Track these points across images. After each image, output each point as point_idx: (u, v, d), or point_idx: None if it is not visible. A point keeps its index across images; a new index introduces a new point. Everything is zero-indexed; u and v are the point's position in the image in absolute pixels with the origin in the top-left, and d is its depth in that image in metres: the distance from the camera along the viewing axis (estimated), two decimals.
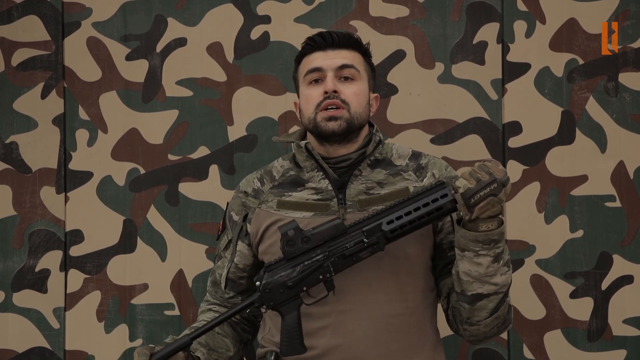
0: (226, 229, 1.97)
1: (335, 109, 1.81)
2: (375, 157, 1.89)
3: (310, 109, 1.84)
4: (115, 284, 2.45)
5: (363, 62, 1.88)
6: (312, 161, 1.87)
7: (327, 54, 1.84)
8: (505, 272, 1.71)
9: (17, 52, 2.48)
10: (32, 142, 2.47)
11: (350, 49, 1.86)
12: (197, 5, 2.48)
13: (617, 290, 2.42)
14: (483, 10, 2.45)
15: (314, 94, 1.83)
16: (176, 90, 2.47)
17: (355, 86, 1.84)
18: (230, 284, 1.95)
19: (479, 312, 1.75)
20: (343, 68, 1.83)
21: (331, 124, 1.81)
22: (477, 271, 1.70)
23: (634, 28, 2.44)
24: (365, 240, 1.68)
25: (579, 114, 2.44)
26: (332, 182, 1.85)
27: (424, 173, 1.88)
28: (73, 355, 2.45)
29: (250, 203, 1.92)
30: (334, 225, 1.70)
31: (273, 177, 1.93)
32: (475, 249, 1.68)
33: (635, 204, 2.43)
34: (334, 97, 1.81)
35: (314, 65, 1.84)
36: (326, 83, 1.82)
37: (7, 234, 2.46)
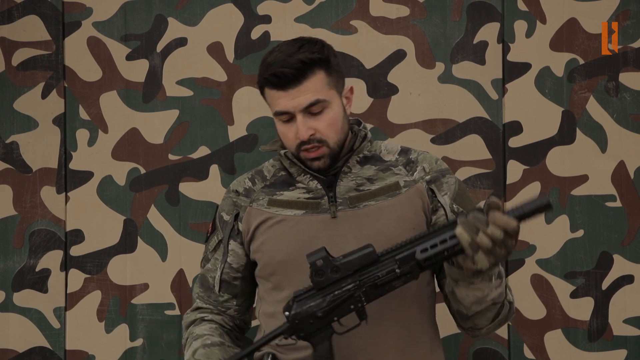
0: (216, 230, 1.95)
1: (315, 150, 1.79)
2: (365, 154, 1.88)
3: (291, 147, 1.83)
4: (115, 283, 2.45)
5: (326, 78, 1.78)
6: (298, 167, 1.87)
7: (288, 93, 1.76)
8: (499, 284, 1.69)
9: (17, 51, 2.48)
10: (33, 142, 2.47)
11: (310, 75, 1.76)
12: (197, 5, 2.48)
13: (618, 290, 2.42)
14: (483, 10, 2.45)
15: (289, 135, 1.81)
16: (176, 90, 2.47)
17: (326, 117, 1.79)
18: (224, 285, 1.92)
19: (479, 322, 1.75)
20: (310, 107, 1.77)
21: (316, 163, 1.81)
22: (475, 295, 1.68)
23: (634, 28, 2.44)
24: (397, 271, 1.61)
25: (579, 113, 2.44)
26: (321, 181, 1.85)
27: (414, 167, 1.87)
28: (73, 355, 2.45)
29: (241, 202, 1.91)
30: (364, 254, 1.63)
31: (264, 177, 1.92)
32: (467, 280, 1.66)
33: (635, 204, 2.43)
34: (310, 141, 1.78)
35: (280, 109, 1.78)
36: (299, 130, 1.77)
37: (8, 233, 2.46)
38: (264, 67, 1.80)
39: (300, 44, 1.79)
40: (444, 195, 1.85)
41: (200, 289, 1.96)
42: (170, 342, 2.44)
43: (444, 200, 1.84)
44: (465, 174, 2.44)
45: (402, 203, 1.83)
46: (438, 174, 1.87)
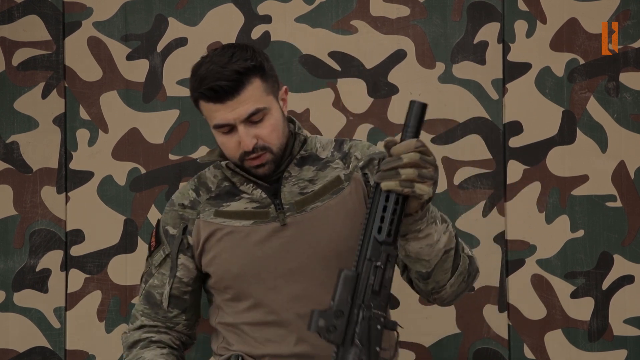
0: (161, 244, 1.90)
1: (258, 158, 1.78)
2: (301, 155, 1.87)
3: (233, 157, 1.81)
4: (116, 283, 2.45)
5: (262, 85, 1.76)
6: (240, 176, 1.85)
7: (227, 105, 1.73)
8: (445, 228, 1.67)
9: (17, 51, 2.48)
10: (33, 142, 2.47)
11: (247, 84, 1.73)
12: (197, 5, 2.48)
13: (618, 290, 2.42)
14: (484, 10, 2.45)
15: (231, 145, 1.78)
16: (177, 90, 2.47)
17: (268, 122, 1.78)
18: (174, 301, 1.88)
19: (440, 277, 1.71)
20: (251, 116, 1.75)
21: (260, 170, 1.80)
22: (427, 243, 1.64)
23: (634, 28, 2.44)
24: (378, 264, 1.58)
25: (579, 113, 2.44)
26: (265, 190, 1.83)
27: (349, 159, 1.87)
28: (74, 355, 2.45)
29: (188, 215, 1.88)
30: (345, 279, 1.58)
31: (209, 188, 1.90)
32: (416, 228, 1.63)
33: (636, 204, 2.43)
34: (255, 150, 1.77)
35: (220, 122, 1.75)
36: (242, 141, 1.75)
37: (8, 233, 2.46)
38: (197, 81, 1.76)
39: (231, 53, 1.75)
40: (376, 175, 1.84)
41: (145, 306, 1.90)
42: None
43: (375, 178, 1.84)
44: (465, 174, 2.44)
45: (346, 199, 1.82)
46: (370, 158, 1.86)
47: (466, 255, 1.74)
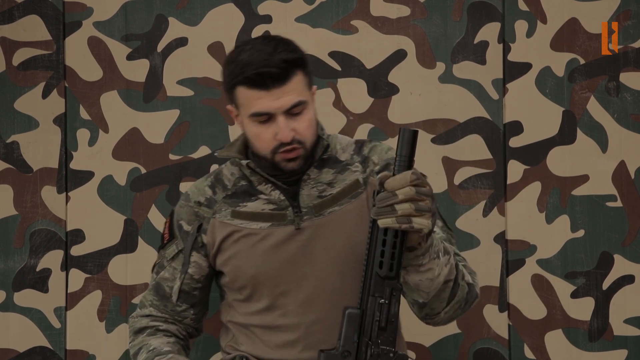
0: (175, 238, 1.89)
1: (293, 151, 1.76)
2: (321, 157, 1.85)
3: (264, 150, 1.77)
4: (116, 283, 2.45)
5: (304, 79, 1.76)
6: (259, 176, 1.84)
7: (271, 93, 1.71)
8: (447, 260, 1.65)
9: (18, 51, 2.48)
10: (33, 142, 2.47)
11: (292, 75, 1.72)
12: (198, 5, 2.48)
13: (618, 290, 2.42)
14: (484, 10, 2.45)
15: (266, 136, 1.75)
16: (177, 89, 2.47)
17: (306, 117, 1.76)
18: (183, 296, 1.88)
19: (435, 305, 1.69)
20: (292, 108, 1.73)
21: (291, 164, 1.78)
22: (427, 277, 1.63)
23: (635, 28, 2.44)
24: (382, 300, 1.56)
25: (580, 113, 2.44)
26: (283, 191, 1.82)
27: (367, 163, 1.86)
28: (74, 354, 2.45)
29: (203, 213, 1.87)
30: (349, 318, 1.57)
31: (225, 186, 1.88)
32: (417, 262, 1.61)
33: (636, 204, 2.43)
34: (291, 142, 1.75)
35: (261, 110, 1.72)
36: (281, 132, 1.73)
37: (8, 233, 2.46)
38: (239, 67, 1.73)
39: (274, 43, 1.74)
40: None
41: (154, 297, 1.90)
42: None
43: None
44: (465, 174, 2.44)
45: (362, 204, 1.81)
46: (387, 162, 1.85)
47: (466, 283, 1.72)
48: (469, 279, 1.74)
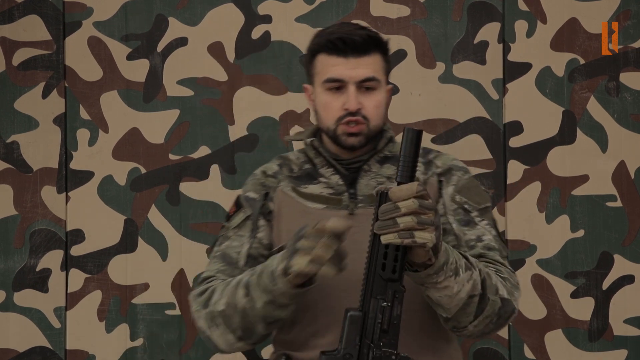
0: (241, 208, 1.88)
1: (356, 125, 1.77)
2: (385, 154, 1.86)
3: (329, 120, 1.80)
4: (116, 283, 2.45)
5: (382, 62, 1.80)
6: (322, 158, 1.86)
7: (349, 61, 1.75)
8: (469, 276, 1.62)
9: (18, 51, 2.48)
10: (33, 142, 2.47)
11: (371, 52, 1.77)
12: (198, 5, 2.48)
13: (618, 290, 2.42)
14: (484, 10, 2.45)
15: (334, 105, 1.78)
16: (177, 89, 2.47)
17: (376, 97, 1.78)
18: (250, 261, 1.83)
19: (462, 319, 1.67)
20: (365, 81, 1.76)
21: (351, 139, 1.78)
22: (446, 294, 1.61)
23: (634, 28, 2.44)
24: (385, 303, 1.54)
25: (580, 113, 2.44)
26: (343, 177, 1.83)
27: (430, 166, 1.86)
28: (74, 354, 2.45)
29: (269, 183, 1.88)
30: (351, 320, 1.56)
31: (291, 168, 1.90)
32: (432, 280, 1.59)
33: (636, 204, 2.43)
34: (357, 114, 1.76)
35: (335, 76, 1.76)
36: (349, 100, 1.76)
37: (8, 233, 2.46)
38: (324, 35, 1.79)
39: (360, 26, 1.81)
40: (450, 186, 1.82)
41: (221, 264, 1.83)
42: (170, 342, 2.44)
43: (446, 190, 1.81)
44: None
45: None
46: (450, 167, 1.85)
47: (499, 298, 1.68)
48: (504, 294, 1.69)
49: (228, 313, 1.69)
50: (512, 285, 1.73)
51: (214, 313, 1.71)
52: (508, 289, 1.71)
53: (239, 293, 1.68)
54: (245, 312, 1.67)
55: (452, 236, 1.78)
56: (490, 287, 1.66)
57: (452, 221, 1.79)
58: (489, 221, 1.81)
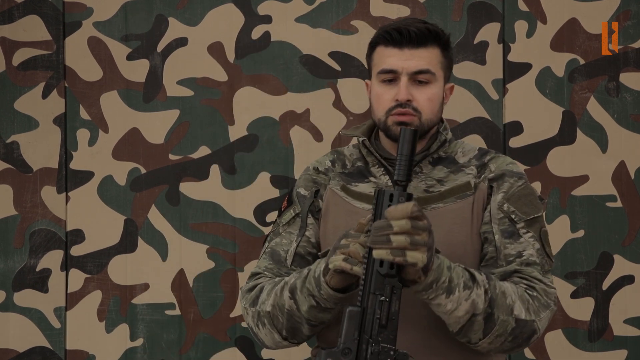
0: (293, 204, 1.88)
1: (408, 115, 1.76)
2: (439, 155, 1.84)
3: (381, 111, 1.79)
4: (116, 283, 2.45)
5: (440, 57, 1.79)
6: (374, 157, 1.84)
7: (403, 52, 1.75)
8: (467, 296, 1.61)
9: (18, 51, 2.48)
10: (33, 142, 2.47)
11: (428, 45, 1.76)
12: (198, 5, 2.48)
13: (618, 290, 2.42)
14: (484, 10, 2.45)
15: (386, 96, 1.77)
16: (177, 90, 2.47)
17: (429, 91, 1.77)
18: (297, 259, 1.83)
19: (470, 336, 1.67)
20: (418, 73, 1.75)
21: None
22: (440, 311, 1.63)
23: (634, 28, 2.44)
24: (382, 298, 1.55)
25: (580, 114, 2.44)
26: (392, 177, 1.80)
27: (484, 169, 1.83)
28: (74, 354, 2.45)
29: (321, 180, 1.88)
30: (350, 316, 1.57)
31: (344, 164, 1.89)
32: (423, 297, 1.61)
33: (636, 204, 2.43)
34: (407, 105, 1.75)
35: (388, 67, 1.76)
36: (400, 90, 1.75)
37: (8, 233, 2.46)
38: (384, 27, 1.79)
39: (422, 20, 1.82)
40: (500, 193, 1.79)
41: (269, 262, 1.84)
42: (170, 342, 2.44)
43: (495, 197, 1.78)
44: None
45: (469, 206, 1.78)
46: (504, 172, 1.82)
47: (512, 319, 1.65)
48: (520, 315, 1.66)
49: (274, 314, 1.72)
50: (540, 305, 1.70)
51: (261, 313, 1.74)
52: (533, 308, 1.68)
53: (284, 295, 1.70)
54: (290, 314, 1.69)
55: (492, 247, 1.75)
56: (501, 307, 1.64)
57: (495, 231, 1.76)
58: (534, 233, 1.76)
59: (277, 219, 1.91)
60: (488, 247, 1.76)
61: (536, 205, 1.80)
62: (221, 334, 2.44)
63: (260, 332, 1.76)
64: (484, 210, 1.79)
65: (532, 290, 1.70)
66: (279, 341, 1.75)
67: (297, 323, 1.70)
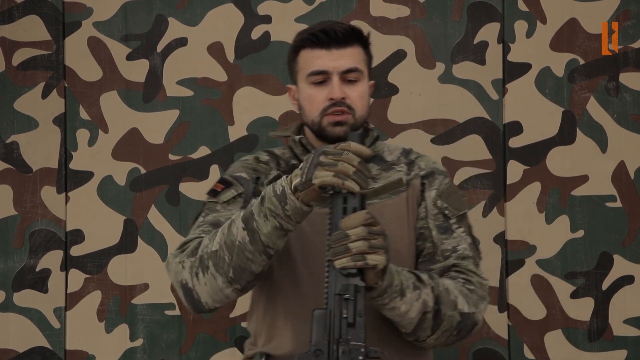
0: (233, 185, 1.85)
1: (341, 115, 1.79)
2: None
3: (314, 112, 1.82)
4: (115, 283, 2.45)
5: (364, 55, 1.84)
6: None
7: (331, 53, 1.79)
8: (418, 296, 1.66)
9: (17, 51, 2.48)
10: (33, 142, 2.47)
11: (353, 44, 1.81)
12: (197, 5, 2.48)
13: (618, 290, 2.42)
14: (484, 10, 2.45)
15: (319, 97, 1.80)
16: (177, 90, 2.47)
17: (359, 88, 1.82)
18: None
19: (419, 334, 1.71)
20: (348, 72, 1.80)
21: (337, 129, 1.80)
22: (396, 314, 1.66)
23: (634, 28, 2.44)
24: (346, 296, 1.57)
25: (579, 114, 2.44)
26: None
27: (412, 167, 1.88)
28: (74, 355, 2.45)
29: (262, 169, 1.89)
30: (318, 318, 1.59)
31: (279, 163, 1.91)
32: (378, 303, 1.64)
33: (635, 204, 2.43)
34: (342, 104, 1.79)
35: (319, 68, 1.80)
36: (333, 89, 1.79)
37: (8, 233, 2.46)
38: (307, 30, 1.84)
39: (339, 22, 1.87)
40: (432, 190, 1.85)
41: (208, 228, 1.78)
42: (170, 342, 2.44)
43: (429, 194, 1.85)
44: (465, 174, 2.44)
45: (402, 202, 1.83)
46: (433, 170, 1.88)
47: (458, 313, 1.72)
48: (464, 309, 1.73)
49: (221, 254, 1.65)
50: (478, 297, 1.77)
51: (204, 257, 1.67)
52: (473, 301, 1.75)
53: (234, 228, 1.64)
54: (242, 247, 1.63)
55: (429, 243, 1.82)
56: (447, 303, 1.70)
57: (432, 227, 1.82)
58: (465, 228, 1.85)
59: (212, 198, 1.85)
60: (425, 243, 1.82)
61: (463, 201, 1.89)
62: (221, 334, 2.44)
63: (199, 282, 1.68)
64: (419, 206, 1.84)
65: (469, 284, 1.77)
66: (222, 287, 1.67)
67: (247, 260, 1.64)
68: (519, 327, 2.42)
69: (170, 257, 1.77)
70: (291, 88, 1.91)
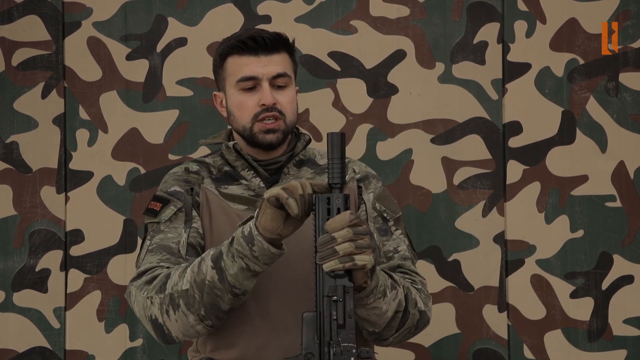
0: (170, 202, 1.84)
1: (273, 121, 1.81)
2: (300, 158, 1.90)
3: (245, 118, 1.83)
4: (115, 283, 2.45)
5: (290, 61, 1.87)
6: (243, 161, 1.87)
7: (260, 59, 1.81)
8: (395, 296, 1.68)
9: (17, 51, 2.48)
10: (33, 142, 2.47)
11: (280, 50, 1.84)
12: (197, 5, 2.48)
13: (618, 290, 2.42)
14: (483, 10, 2.45)
15: (249, 103, 1.82)
16: (176, 90, 2.47)
17: (289, 93, 1.84)
18: (190, 250, 1.80)
19: (385, 333, 1.73)
20: (277, 77, 1.82)
21: (269, 136, 1.82)
22: (375, 313, 1.67)
23: (634, 28, 2.44)
24: (335, 298, 1.57)
25: (579, 114, 2.44)
26: (264, 180, 1.85)
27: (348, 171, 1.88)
28: (73, 355, 2.45)
29: (193, 179, 1.88)
30: (308, 321, 1.59)
31: (210, 171, 1.90)
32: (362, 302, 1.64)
33: (635, 204, 2.43)
34: (273, 109, 1.81)
35: (249, 74, 1.81)
36: (264, 95, 1.81)
37: (8, 233, 2.46)
38: (233, 37, 1.85)
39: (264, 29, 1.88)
40: (369, 193, 1.87)
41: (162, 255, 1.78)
42: None
43: (367, 197, 1.87)
44: (465, 174, 2.44)
45: None
46: (367, 174, 1.91)
47: (417, 311, 1.75)
48: (421, 306, 1.77)
49: (191, 292, 1.66)
50: (425, 296, 1.81)
51: (174, 295, 1.67)
52: (424, 299, 1.79)
53: (204, 267, 1.65)
54: (211, 286, 1.64)
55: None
56: (411, 302, 1.74)
57: (373, 229, 1.84)
58: (402, 230, 1.88)
59: (153, 219, 1.85)
60: None
61: (396, 205, 1.91)
62: None
63: (170, 319, 1.69)
64: (357, 209, 1.86)
65: (416, 284, 1.80)
66: (193, 324, 1.68)
67: (217, 297, 1.65)
68: (518, 327, 2.42)
69: (132, 289, 1.77)
70: (217, 95, 1.93)
